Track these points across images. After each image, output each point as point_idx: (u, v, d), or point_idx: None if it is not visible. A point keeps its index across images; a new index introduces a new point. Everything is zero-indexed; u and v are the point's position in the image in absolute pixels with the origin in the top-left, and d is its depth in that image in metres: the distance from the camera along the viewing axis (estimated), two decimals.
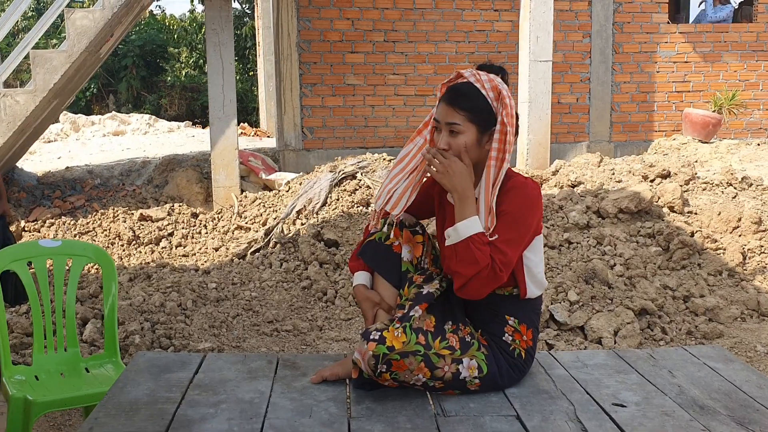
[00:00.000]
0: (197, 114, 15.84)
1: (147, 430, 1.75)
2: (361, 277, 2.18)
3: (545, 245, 5.03)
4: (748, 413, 1.84)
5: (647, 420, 1.81)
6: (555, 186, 6.12)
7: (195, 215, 6.27)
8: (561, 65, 7.61)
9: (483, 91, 2.00)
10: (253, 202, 6.28)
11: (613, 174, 6.23)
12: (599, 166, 6.59)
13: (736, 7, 9.08)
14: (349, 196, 5.69)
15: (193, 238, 5.97)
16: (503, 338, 2.04)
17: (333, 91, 7.39)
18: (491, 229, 1.98)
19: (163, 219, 6.10)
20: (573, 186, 6.07)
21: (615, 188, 5.80)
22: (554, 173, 6.46)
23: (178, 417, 1.82)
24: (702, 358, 2.22)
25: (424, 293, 2.05)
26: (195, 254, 5.73)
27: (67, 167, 7.63)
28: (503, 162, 2.01)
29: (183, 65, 15.96)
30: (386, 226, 2.17)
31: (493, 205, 1.99)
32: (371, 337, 1.93)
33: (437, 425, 1.81)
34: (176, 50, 16.14)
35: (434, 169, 2.00)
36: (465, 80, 2.03)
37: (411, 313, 1.99)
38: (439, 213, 2.21)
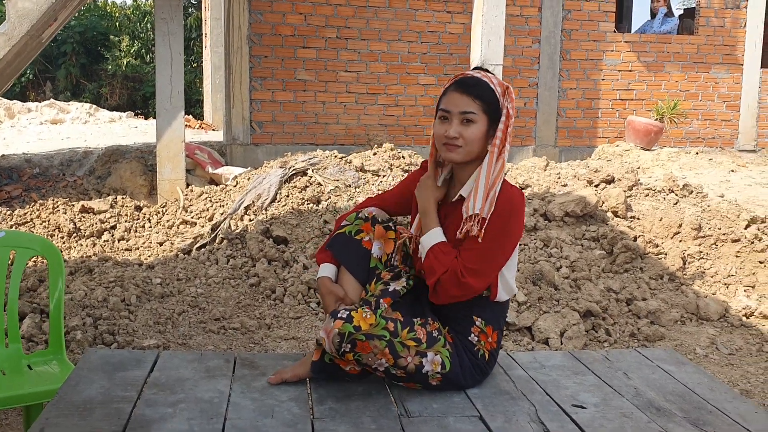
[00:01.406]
0: (139, 104, 15.43)
1: (103, 430, 1.68)
2: (326, 270, 2.15)
3: None
4: (702, 415, 1.90)
5: (607, 421, 1.84)
6: None
7: (139, 208, 6.10)
8: (510, 69, 7.72)
9: (492, 86, 2.04)
10: (200, 196, 6.15)
11: (559, 178, 6.35)
12: (545, 170, 6.71)
13: (678, 20, 9.40)
14: (300, 192, 5.63)
15: (136, 231, 5.81)
16: (469, 338, 2.05)
17: (284, 86, 7.31)
18: (487, 220, 1.98)
19: (105, 211, 5.91)
20: (521, 189, 6.16)
21: (561, 192, 5.92)
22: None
23: (136, 417, 1.76)
24: (655, 361, 2.28)
25: (390, 290, 2.05)
26: (138, 248, 5.58)
27: (3, 155, 7.33)
28: (501, 155, 2.03)
29: (124, 54, 15.53)
30: (357, 219, 2.16)
31: (494, 196, 1.99)
32: (339, 315, 1.93)
33: (401, 426, 1.80)
34: (117, 39, 15.69)
35: None
36: (471, 76, 2.07)
37: (381, 304, 2.01)
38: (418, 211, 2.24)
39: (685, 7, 11.90)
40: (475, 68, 2.14)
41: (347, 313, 1.92)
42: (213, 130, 10.64)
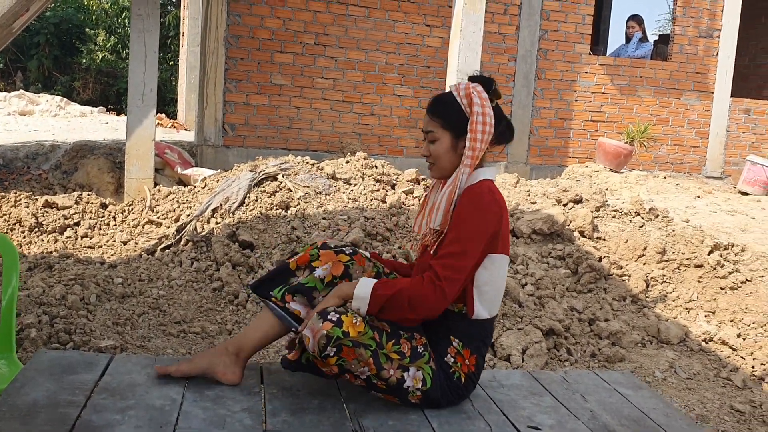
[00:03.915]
0: (112, 100, 15.23)
1: None
2: None
3: None
4: None
5: None
6: None
7: (104, 206, 5.99)
8: None
9: (458, 98, 2.07)
10: (167, 196, 6.07)
11: (529, 195, 6.39)
12: (516, 187, 6.75)
13: (652, 46, 9.55)
14: (269, 197, 5.58)
15: (100, 229, 5.71)
16: (445, 358, 2.03)
17: (258, 89, 7.26)
18: (444, 232, 1.99)
19: (69, 207, 5.80)
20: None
21: (530, 209, 5.95)
22: None
23: (81, 422, 1.71)
24: (613, 384, 2.28)
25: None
26: (101, 246, 5.48)
27: None
28: (467, 167, 2.04)
29: (100, 48, 15.32)
30: (314, 249, 2.18)
31: (451, 208, 2.00)
32: (329, 317, 1.90)
33: None
34: (94, 32, 15.47)
35: None
36: (438, 94, 2.18)
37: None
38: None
39: (661, 33, 12.11)
40: (470, 77, 2.17)
41: (338, 316, 1.90)
42: (185, 129, 10.53)
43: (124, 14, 15.68)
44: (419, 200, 5.76)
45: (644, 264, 5.35)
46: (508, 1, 7.77)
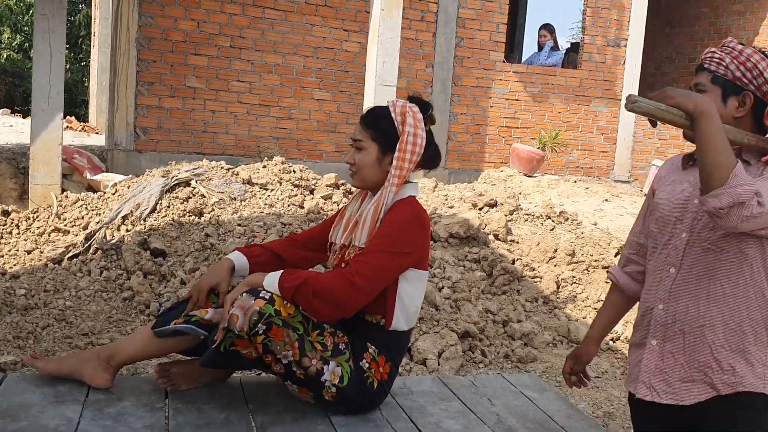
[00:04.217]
0: (18, 101, 14.56)
1: None
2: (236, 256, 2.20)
3: None
4: None
5: None
6: None
7: (6, 213, 5.71)
8: (404, 91, 7.82)
9: (393, 114, 2.09)
10: (75, 203, 5.83)
11: (446, 199, 6.49)
12: (434, 191, 6.84)
13: (562, 54, 9.88)
14: (182, 204, 5.45)
15: (2, 238, 5.43)
16: (360, 363, 2.04)
17: (172, 92, 7.08)
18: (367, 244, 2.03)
19: None
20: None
21: (447, 214, 6.04)
22: None
23: None
24: (519, 387, 2.34)
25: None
26: (3, 256, 5.21)
27: None
28: (394, 186, 2.06)
29: (5, 47, 14.62)
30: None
31: (377, 225, 2.02)
32: (261, 294, 1.90)
33: None
34: None
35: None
36: (374, 106, 2.20)
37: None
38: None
39: (573, 41, 12.53)
40: (410, 97, 2.20)
41: (270, 294, 1.91)
42: (96, 133, 10.17)
43: (30, 12, 15.03)
44: (338, 206, 5.75)
45: (555, 266, 5.51)
46: (425, 8, 7.87)
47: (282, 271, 1.98)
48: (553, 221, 6.15)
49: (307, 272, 1.98)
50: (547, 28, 9.03)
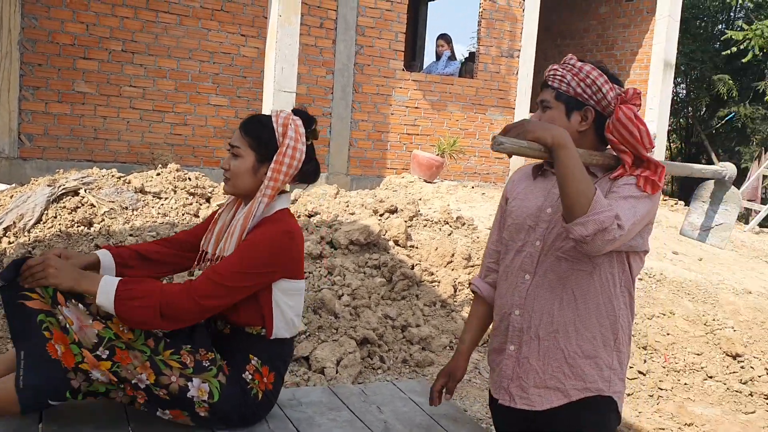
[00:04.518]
0: None
1: None
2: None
3: None
4: None
5: None
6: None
7: None
8: (305, 98, 7.80)
9: (274, 124, 2.07)
10: None
11: (348, 206, 6.51)
12: (336, 198, 6.85)
13: (459, 64, 10.13)
14: (69, 214, 5.21)
15: None
16: (243, 375, 2.01)
17: (59, 98, 6.77)
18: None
19: None
20: (310, 216, 6.22)
21: (348, 220, 6.06)
22: (293, 202, 6.57)
23: None
24: (408, 393, 2.37)
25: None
26: None
27: None
28: (266, 197, 2.02)
29: None
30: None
31: (243, 236, 1.99)
32: (99, 317, 1.82)
33: None
34: None
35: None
36: (255, 113, 2.16)
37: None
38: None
39: (471, 51, 12.88)
40: (294, 110, 2.16)
41: (105, 320, 1.85)
42: None
43: None
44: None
45: (452, 270, 5.63)
46: (324, 14, 7.88)
47: (119, 280, 1.89)
48: (450, 226, 6.28)
49: (154, 285, 1.91)
50: (444, 38, 9.24)
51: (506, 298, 1.94)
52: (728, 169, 2.13)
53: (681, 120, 17.14)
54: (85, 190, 5.41)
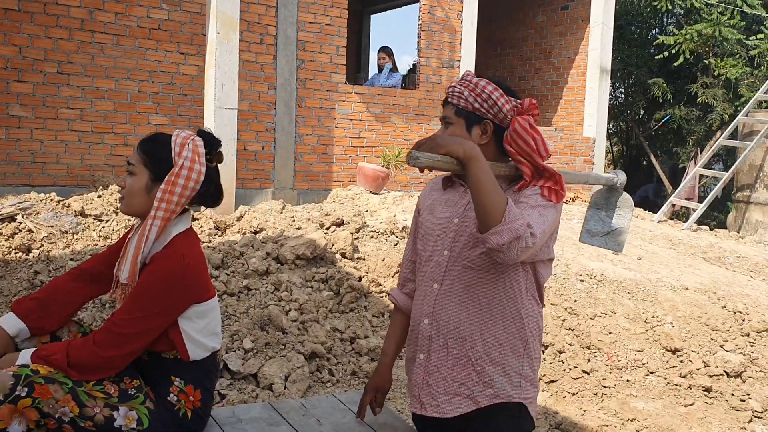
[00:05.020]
0: None
1: None
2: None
3: (225, 293, 5.04)
4: None
5: None
6: (238, 232, 6.19)
7: None
8: (247, 113, 7.79)
9: (173, 143, 2.03)
10: None
11: (294, 221, 6.51)
12: (282, 213, 6.84)
13: (405, 74, 10.24)
14: (6, 240, 5.09)
15: None
16: (168, 398, 2.01)
17: None
18: (132, 286, 1.96)
19: None
20: (255, 232, 6.20)
21: (295, 235, 6.06)
22: (238, 219, 6.54)
23: None
24: (348, 404, 2.40)
25: None
26: None
27: None
28: (159, 219, 1.99)
29: None
30: None
31: (140, 260, 1.97)
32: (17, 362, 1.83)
33: None
34: None
35: None
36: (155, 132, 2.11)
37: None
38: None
39: (415, 62, 13.03)
40: (199, 131, 2.14)
41: (23, 361, 1.85)
42: None
43: None
44: None
45: None
46: (264, 30, 7.88)
47: (34, 350, 1.91)
48: (396, 236, 6.34)
49: (61, 347, 1.90)
50: (385, 51, 9.34)
51: (417, 308, 1.99)
52: (619, 175, 2.24)
53: (621, 123, 17.62)
54: (22, 216, 5.30)
